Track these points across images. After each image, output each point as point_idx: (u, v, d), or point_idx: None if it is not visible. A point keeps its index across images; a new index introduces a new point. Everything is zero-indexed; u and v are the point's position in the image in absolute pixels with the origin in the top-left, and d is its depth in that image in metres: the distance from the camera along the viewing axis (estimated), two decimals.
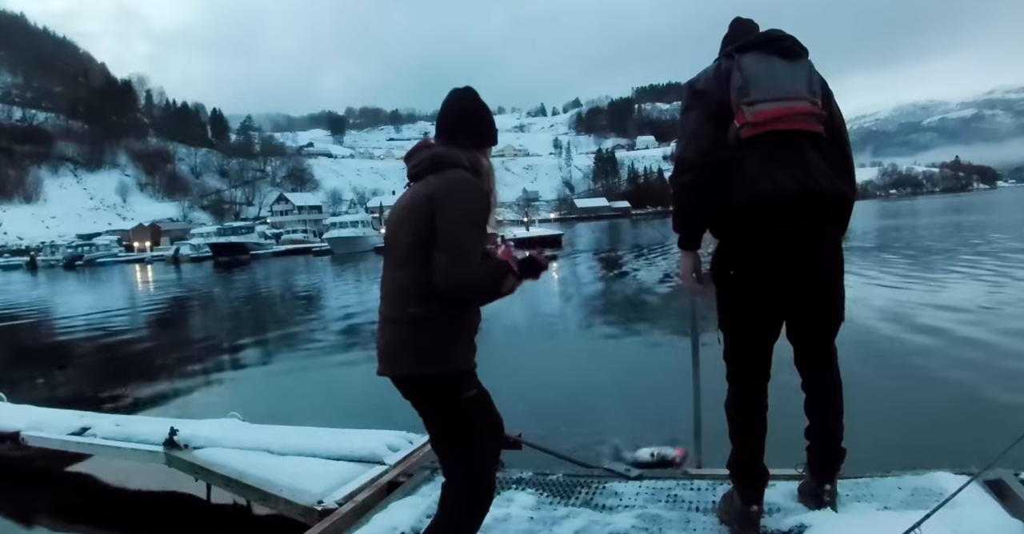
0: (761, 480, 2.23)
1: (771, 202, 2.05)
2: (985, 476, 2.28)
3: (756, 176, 2.06)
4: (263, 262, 47.18)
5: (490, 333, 11.10)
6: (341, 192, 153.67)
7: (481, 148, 2.04)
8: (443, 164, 1.91)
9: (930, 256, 17.50)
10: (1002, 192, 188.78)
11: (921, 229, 31.57)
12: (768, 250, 2.09)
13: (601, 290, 16.60)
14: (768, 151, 2.07)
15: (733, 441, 2.25)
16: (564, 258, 27.83)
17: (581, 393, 6.14)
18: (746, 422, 2.22)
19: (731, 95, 2.10)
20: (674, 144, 2.76)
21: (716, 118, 2.12)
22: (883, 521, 2.07)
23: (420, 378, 1.87)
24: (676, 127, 2.49)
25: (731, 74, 2.12)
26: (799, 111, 2.10)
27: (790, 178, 2.05)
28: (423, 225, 1.81)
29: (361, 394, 6.20)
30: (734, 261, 2.17)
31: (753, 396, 2.23)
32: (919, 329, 7.99)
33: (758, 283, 2.13)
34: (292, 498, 3.07)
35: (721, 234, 2.22)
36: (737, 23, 2.34)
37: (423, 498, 2.75)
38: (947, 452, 3.63)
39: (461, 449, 1.91)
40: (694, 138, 2.14)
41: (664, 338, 8.86)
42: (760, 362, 2.23)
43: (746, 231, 2.11)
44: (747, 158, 2.08)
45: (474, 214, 1.82)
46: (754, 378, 2.23)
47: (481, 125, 2.05)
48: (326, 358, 9.15)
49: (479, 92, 2.07)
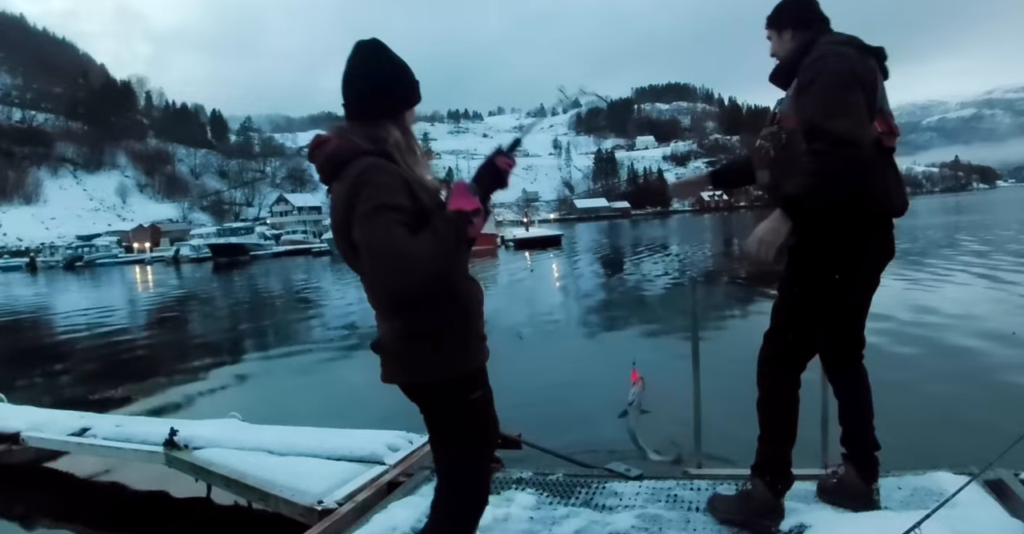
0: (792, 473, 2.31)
1: (893, 215, 2.18)
2: (985, 476, 2.28)
3: (890, 189, 2.15)
4: (263, 263, 47.14)
5: (489, 331, 11.05)
6: None
7: (393, 117, 1.70)
8: (343, 162, 1.62)
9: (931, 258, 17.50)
10: (1002, 191, 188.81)
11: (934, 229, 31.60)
12: (875, 255, 2.18)
13: (601, 290, 16.59)
14: (894, 164, 2.18)
15: (775, 437, 2.27)
16: (564, 257, 27.81)
17: (581, 393, 6.14)
18: (791, 416, 2.27)
19: (876, 95, 2.09)
20: (674, 144, 2.62)
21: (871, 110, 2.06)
22: (883, 521, 2.07)
23: (415, 386, 1.73)
24: (676, 125, 2.45)
25: (876, 74, 2.10)
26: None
27: (903, 197, 2.20)
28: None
29: (361, 394, 6.19)
30: (843, 265, 2.13)
31: (797, 391, 2.29)
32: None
33: (858, 285, 2.21)
34: (292, 498, 3.06)
35: (829, 234, 2.11)
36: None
37: (423, 498, 2.74)
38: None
39: (457, 452, 1.79)
40: (863, 122, 2.01)
41: (663, 337, 8.86)
42: (808, 359, 2.32)
43: (862, 235, 2.13)
44: (885, 167, 2.13)
45: (382, 197, 1.52)
46: (799, 374, 2.29)
47: (383, 92, 1.68)
48: (326, 358, 9.15)
49: (479, 91, 2.02)
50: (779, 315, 2.27)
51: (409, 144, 1.69)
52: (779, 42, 2.26)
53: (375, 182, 1.54)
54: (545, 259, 29.27)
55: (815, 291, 2.17)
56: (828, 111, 1.96)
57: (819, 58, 2.04)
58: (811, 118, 2.00)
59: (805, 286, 2.18)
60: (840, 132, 1.93)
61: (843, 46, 2.07)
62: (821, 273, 2.14)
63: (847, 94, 1.98)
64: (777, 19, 2.26)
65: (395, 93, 1.70)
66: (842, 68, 2.00)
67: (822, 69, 2.01)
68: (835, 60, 2.02)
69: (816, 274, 2.15)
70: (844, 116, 1.95)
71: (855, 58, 2.05)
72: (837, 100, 1.97)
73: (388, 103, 1.69)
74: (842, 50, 2.05)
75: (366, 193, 1.53)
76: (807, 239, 2.11)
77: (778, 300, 2.29)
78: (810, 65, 2.05)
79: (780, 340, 2.26)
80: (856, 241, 2.11)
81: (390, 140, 1.65)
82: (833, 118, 1.94)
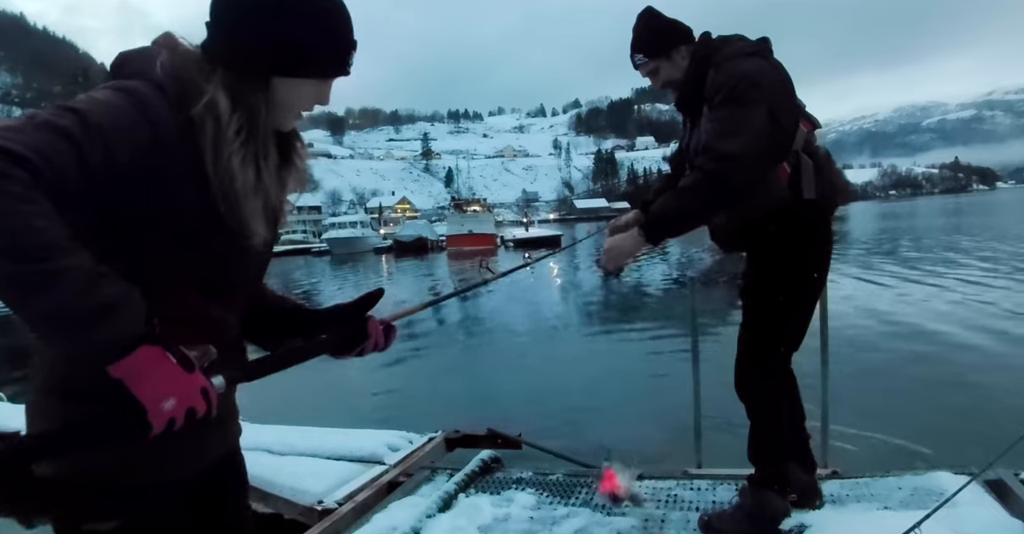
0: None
1: (834, 206, 2.16)
2: (985, 476, 2.28)
3: (836, 183, 2.12)
4: None
5: (489, 331, 11.12)
6: (340, 192, 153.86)
7: (232, 69, 1.00)
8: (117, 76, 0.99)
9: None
10: (1001, 193, 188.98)
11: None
12: (828, 251, 2.18)
13: (598, 290, 16.60)
14: (827, 158, 2.14)
15: (781, 449, 2.22)
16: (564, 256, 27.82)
17: (582, 392, 6.14)
18: (784, 422, 2.24)
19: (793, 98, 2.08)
20: (673, 144, 2.69)
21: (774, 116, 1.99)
22: (883, 521, 2.07)
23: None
24: (677, 125, 2.39)
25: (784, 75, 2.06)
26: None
27: (846, 189, 2.27)
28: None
29: (361, 394, 6.20)
30: (815, 262, 2.15)
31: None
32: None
33: (823, 281, 2.21)
34: (292, 498, 3.06)
35: (795, 238, 2.08)
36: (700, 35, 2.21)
37: (423, 498, 2.75)
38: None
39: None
40: (750, 133, 1.94)
41: (664, 338, 8.86)
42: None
43: (824, 229, 2.15)
44: (822, 164, 2.09)
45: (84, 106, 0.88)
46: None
47: (240, 34, 1.00)
48: (325, 357, 9.14)
49: (479, 91, 1.93)
50: (763, 331, 2.20)
51: (248, 128, 1.00)
52: (671, 66, 2.15)
53: (95, 99, 0.91)
54: (545, 259, 29.22)
55: (800, 294, 2.15)
56: (728, 132, 1.93)
57: (734, 77, 1.94)
58: (707, 139, 1.98)
59: (789, 292, 2.14)
60: (731, 152, 1.89)
61: (753, 57, 2.00)
62: (801, 275, 2.13)
63: (754, 115, 1.92)
64: (660, 43, 2.14)
65: (255, 43, 0.99)
66: (764, 85, 1.95)
67: (734, 90, 1.93)
68: (749, 79, 1.94)
69: (797, 277, 2.14)
70: (742, 136, 1.90)
71: (776, 66, 2.02)
72: (742, 121, 1.92)
73: (235, 50, 1.00)
74: (754, 65, 1.98)
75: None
76: (773, 247, 2.10)
77: (757, 318, 2.20)
78: (723, 85, 1.95)
79: (769, 354, 2.19)
80: (821, 235, 2.13)
81: (204, 100, 0.96)
82: (729, 138, 1.91)
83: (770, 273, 2.14)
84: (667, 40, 2.13)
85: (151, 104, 0.93)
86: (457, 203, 66.79)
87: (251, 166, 1.01)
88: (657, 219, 1.97)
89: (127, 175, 0.90)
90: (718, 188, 1.90)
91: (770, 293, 2.14)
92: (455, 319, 13.10)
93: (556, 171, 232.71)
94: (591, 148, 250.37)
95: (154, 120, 0.92)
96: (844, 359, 5.35)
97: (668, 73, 2.16)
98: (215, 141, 0.97)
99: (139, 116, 0.91)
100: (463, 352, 9.70)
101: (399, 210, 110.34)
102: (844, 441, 3.97)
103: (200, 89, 0.97)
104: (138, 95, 0.93)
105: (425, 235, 48.99)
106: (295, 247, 62.10)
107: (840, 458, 2.77)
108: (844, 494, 2.45)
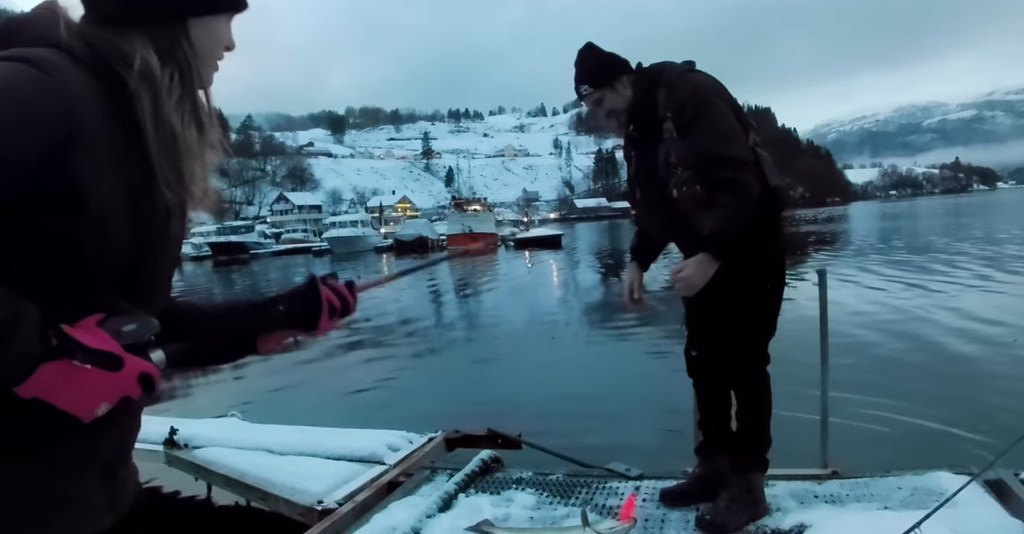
0: None
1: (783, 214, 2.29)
2: (985, 476, 2.28)
3: (781, 190, 2.21)
4: (263, 261, 47.17)
5: (489, 331, 11.13)
6: (341, 192, 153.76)
7: (152, 23, 0.89)
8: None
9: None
10: (1002, 193, 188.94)
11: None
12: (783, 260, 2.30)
13: (599, 289, 16.59)
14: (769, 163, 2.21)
15: (768, 437, 2.32)
16: (564, 256, 27.84)
17: (582, 392, 6.14)
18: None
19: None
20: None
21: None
22: (883, 521, 2.07)
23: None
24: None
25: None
26: None
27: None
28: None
29: (361, 393, 6.20)
30: (769, 274, 2.24)
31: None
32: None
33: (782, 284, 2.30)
34: (292, 498, 3.07)
35: (770, 225, 2.21)
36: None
37: (423, 498, 2.75)
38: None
39: None
40: (738, 135, 2.13)
41: (664, 338, 8.86)
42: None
43: (777, 242, 2.25)
44: (768, 172, 2.16)
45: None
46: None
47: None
48: (326, 357, 9.15)
49: (480, 90, 1.86)
50: (756, 321, 2.26)
51: (181, 85, 0.91)
52: (615, 96, 2.26)
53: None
54: (544, 259, 29.26)
55: (781, 280, 2.28)
56: (724, 139, 2.06)
57: (694, 90, 2.10)
58: (707, 150, 2.05)
59: (774, 279, 2.25)
60: (740, 156, 2.05)
61: (696, 72, 2.18)
62: (779, 260, 2.28)
63: (731, 118, 2.10)
64: (606, 74, 2.26)
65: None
66: (719, 93, 2.13)
67: (701, 101, 2.08)
68: (707, 89, 2.11)
69: (777, 263, 2.27)
70: (736, 139, 2.07)
71: (715, 81, 2.18)
72: (728, 126, 2.09)
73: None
74: (702, 77, 2.16)
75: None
76: (753, 237, 2.16)
77: (747, 310, 2.24)
78: (688, 100, 2.08)
79: (765, 342, 2.29)
80: (782, 234, 2.32)
81: (137, 64, 0.85)
82: (729, 144, 2.05)
83: (754, 263, 2.19)
84: (612, 71, 2.27)
85: (67, 76, 0.79)
86: (457, 202, 66.77)
87: (192, 124, 0.92)
88: (720, 241, 2.04)
89: (36, 166, 0.76)
90: (749, 187, 2.04)
91: (757, 283, 2.22)
92: (455, 319, 13.11)
93: (556, 170, 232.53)
94: (592, 148, 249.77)
95: (70, 96, 0.79)
96: (844, 359, 5.34)
97: (612, 102, 2.28)
98: (154, 105, 0.87)
99: (51, 94, 0.77)
100: (463, 352, 9.70)
101: (399, 209, 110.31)
102: (844, 441, 3.96)
103: (122, 52, 0.85)
104: (47, 65, 0.78)
105: (425, 234, 49.11)
106: (296, 246, 62.18)
107: (840, 458, 2.76)
108: (844, 494, 2.45)
